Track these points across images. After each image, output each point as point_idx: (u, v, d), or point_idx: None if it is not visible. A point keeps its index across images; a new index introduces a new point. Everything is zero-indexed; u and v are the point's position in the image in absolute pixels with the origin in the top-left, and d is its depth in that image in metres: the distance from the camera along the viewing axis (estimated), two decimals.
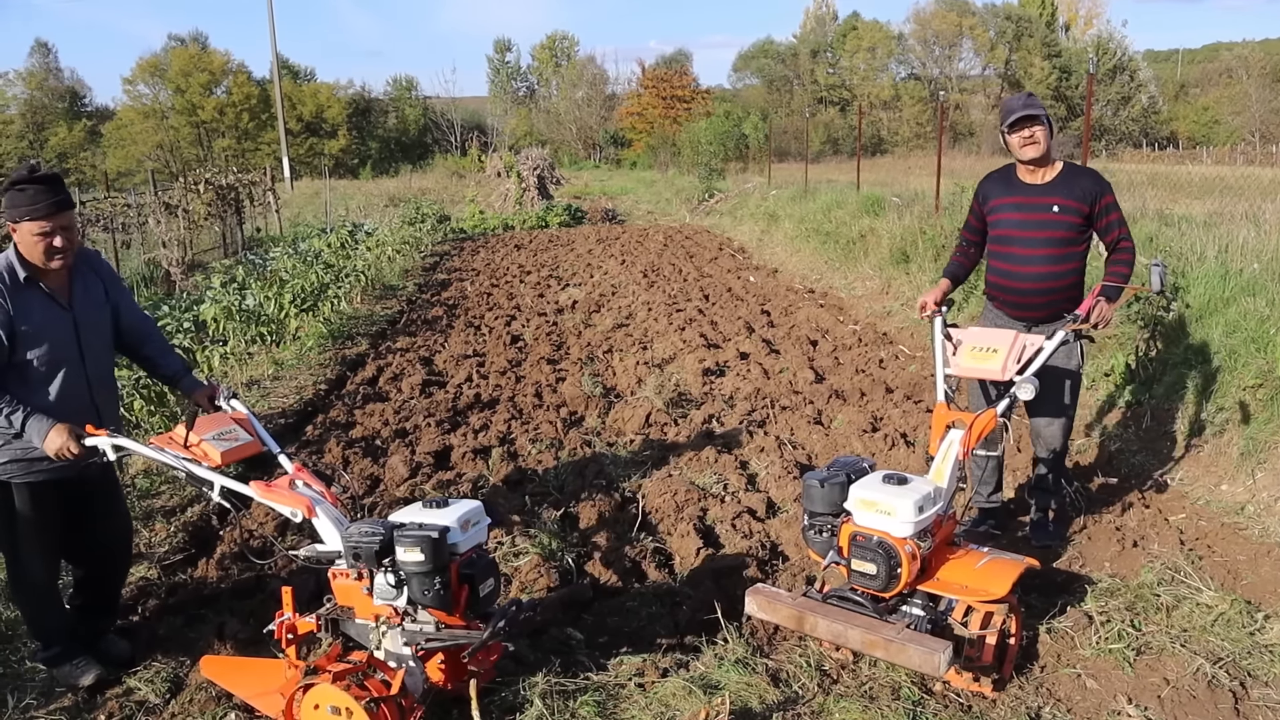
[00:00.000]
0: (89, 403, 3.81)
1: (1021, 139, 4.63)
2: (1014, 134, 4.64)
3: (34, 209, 3.53)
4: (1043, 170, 4.74)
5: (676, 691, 3.64)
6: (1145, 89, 60.11)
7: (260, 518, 5.44)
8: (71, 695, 3.91)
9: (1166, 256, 8.19)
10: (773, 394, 7.78)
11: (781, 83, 69.34)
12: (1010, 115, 4.60)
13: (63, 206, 3.60)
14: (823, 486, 3.76)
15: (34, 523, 3.80)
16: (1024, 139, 4.62)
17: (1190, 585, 4.32)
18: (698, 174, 32.48)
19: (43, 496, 3.80)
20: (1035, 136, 4.60)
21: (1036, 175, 4.75)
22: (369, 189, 37.00)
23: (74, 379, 3.76)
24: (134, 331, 4.11)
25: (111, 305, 4.00)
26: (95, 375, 3.86)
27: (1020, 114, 4.56)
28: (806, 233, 16.65)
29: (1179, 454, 6.09)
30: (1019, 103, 4.64)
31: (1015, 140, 4.65)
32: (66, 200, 3.63)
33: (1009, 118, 4.60)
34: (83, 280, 3.87)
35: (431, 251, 19.80)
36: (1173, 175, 15.14)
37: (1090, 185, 4.70)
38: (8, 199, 3.56)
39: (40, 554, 3.88)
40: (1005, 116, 4.64)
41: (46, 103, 62.88)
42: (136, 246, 17.48)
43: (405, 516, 3.40)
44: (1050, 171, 4.74)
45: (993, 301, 4.97)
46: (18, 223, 3.56)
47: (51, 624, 4.00)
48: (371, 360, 9.63)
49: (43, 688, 4.00)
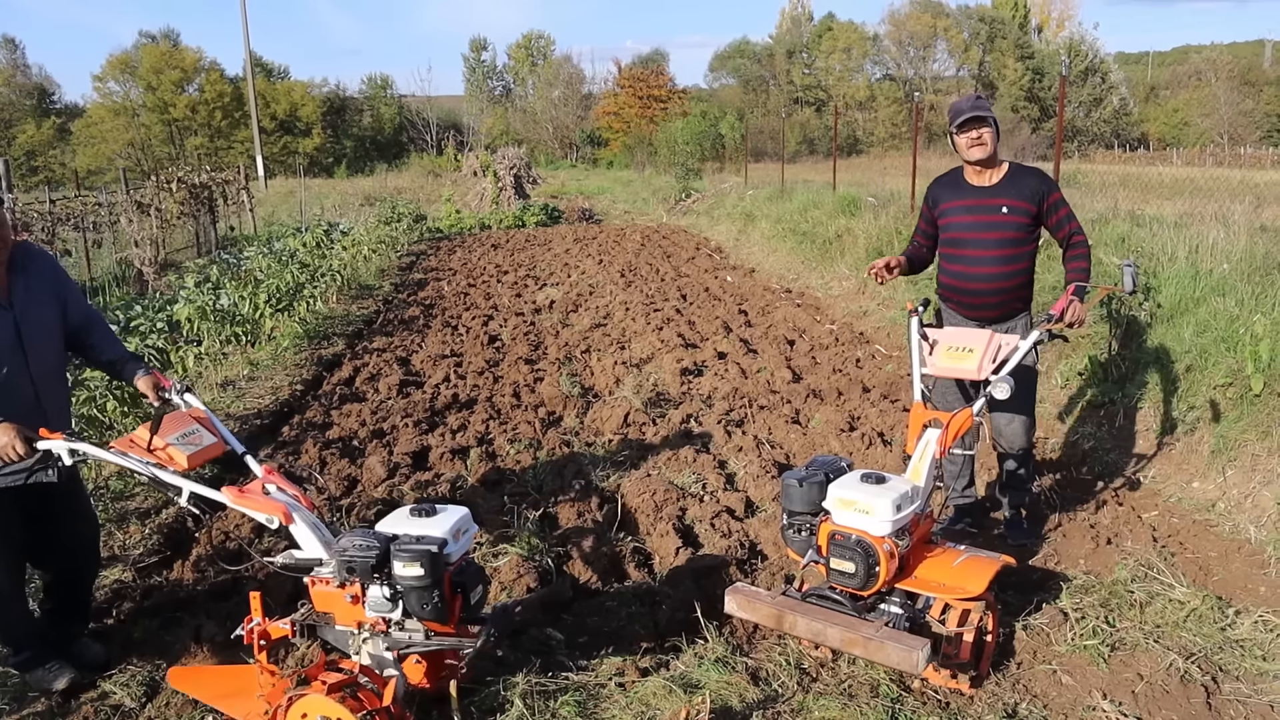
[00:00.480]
0: (34, 404, 3.71)
1: (969, 140, 4.68)
2: (962, 135, 4.70)
3: None
4: (990, 171, 4.80)
5: (657, 691, 3.65)
6: (1116, 91, 60.71)
7: (236, 520, 5.40)
8: (45, 699, 3.88)
9: (1138, 257, 8.28)
10: (750, 393, 7.80)
11: (758, 83, 69.52)
12: (958, 116, 4.65)
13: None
14: (801, 486, 3.78)
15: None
16: (971, 140, 4.68)
17: (1163, 582, 4.37)
18: (674, 174, 32.53)
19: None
20: (983, 138, 4.66)
21: (984, 177, 4.80)
22: (344, 188, 36.80)
23: (16, 379, 3.66)
24: (80, 324, 4.00)
25: (60, 302, 3.89)
26: (40, 374, 3.75)
27: (968, 115, 4.62)
28: (783, 232, 16.70)
29: (1151, 452, 6.16)
30: (967, 104, 4.69)
31: (963, 141, 4.70)
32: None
33: (957, 118, 4.66)
34: (24, 278, 3.75)
35: (408, 251, 19.72)
36: (1144, 176, 15.29)
37: (1037, 184, 4.76)
38: None
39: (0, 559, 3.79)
40: (953, 117, 4.69)
41: (14, 100, 62.07)
42: (108, 246, 17.30)
43: (396, 527, 3.33)
44: (997, 173, 4.80)
45: (946, 303, 5.02)
46: None
47: (19, 629, 3.93)
48: (348, 360, 9.59)
49: (15, 692, 3.96)
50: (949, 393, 4.94)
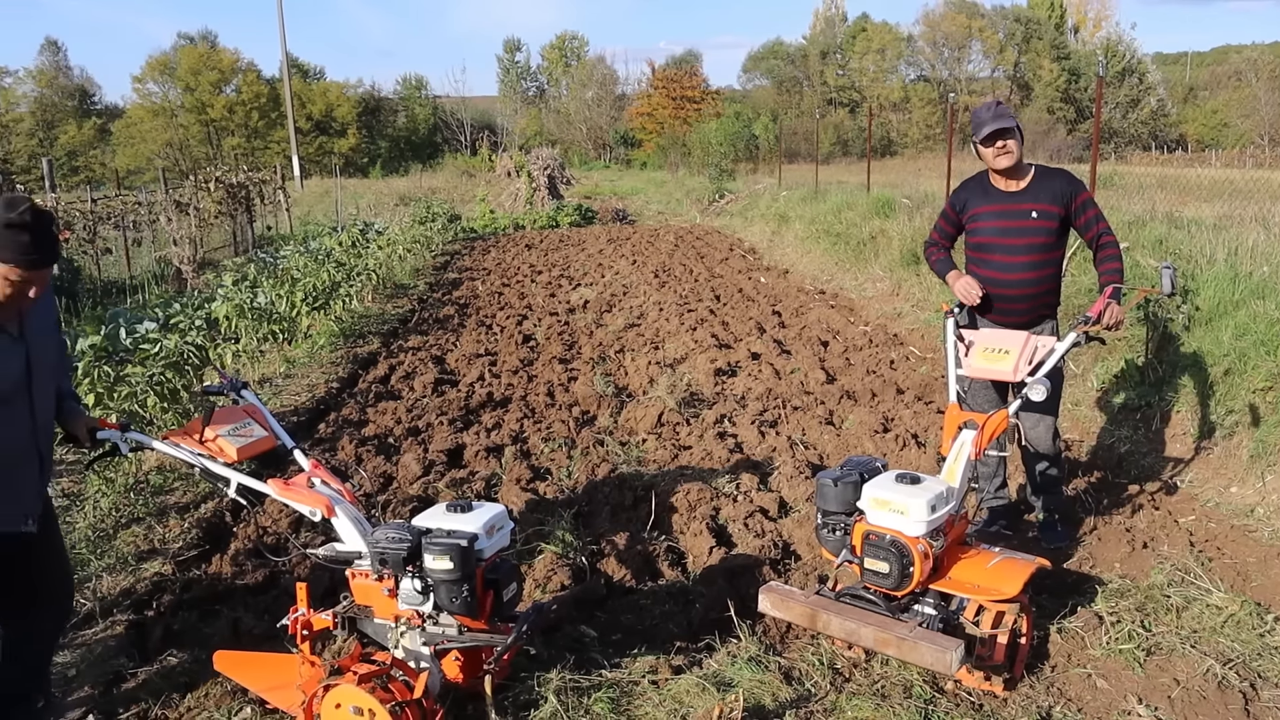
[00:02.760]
0: (31, 447, 3.34)
1: (995, 150, 4.66)
2: (987, 147, 4.68)
3: (21, 258, 3.03)
4: (1017, 177, 4.77)
5: (690, 689, 3.67)
6: (1154, 92, 59.91)
7: (275, 514, 5.48)
8: (90, 688, 3.95)
9: (1176, 259, 8.20)
10: (784, 394, 7.80)
11: (791, 84, 69.32)
12: (981, 129, 4.63)
13: (51, 261, 3.16)
14: (836, 485, 3.79)
15: None
16: (998, 150, 4.66)
17: (1200, 587, 4.34)
18: (708, 175, 32.52)
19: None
20: (1008, 147, 4.64)
21: (1012, 183, 4.78)
22: (379, 188, 37.10)
23: (19, 421, 3.28)
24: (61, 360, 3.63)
25: (59, 334, 3.58)
26: (41, 414, 3.38)
27: (992, 128, 4.59)
28: (817, 234, 16.66)
29: (1188, 456, 6.10)
30: (988, 114, 4.65)
31: (989, 153, 4.69)
32: (57, 255, 3.19)
33: (980, 131, 4.63)
34: (35, 306, 3.27)
35: (442, 250, 19.85)
36: (1182, 178, 15.10)
37: (1063, 186, 4.74)
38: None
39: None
40: (976, 129, 4.67)
41: (56, 101, 63.05)
42: (147, 244, 17.58)
43: (431, 521, 3.39)
44: (1024, 178, 4.77)
45: (975, 308, 4.98)
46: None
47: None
48: (383, 359, 9.68)
49: (59, 680, 4.03)
50: (984, 394, 4.92)
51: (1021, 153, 4.70)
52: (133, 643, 4.27)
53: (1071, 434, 6.70)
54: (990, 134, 4.60)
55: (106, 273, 15.66)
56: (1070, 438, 6.59)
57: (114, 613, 4.56)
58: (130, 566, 5.08)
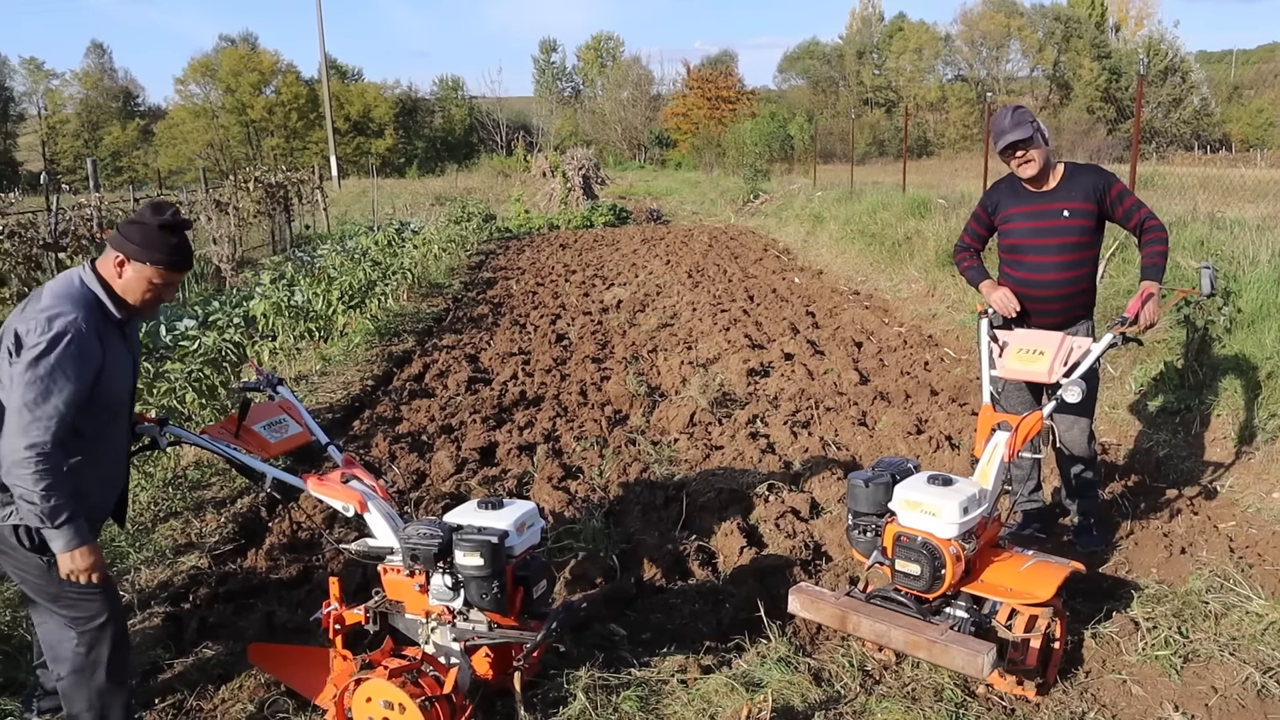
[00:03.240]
0: (124, 458, 3.44)
1: (1017, 161, 4.62)
2: (1006, 158, 4.64)
3: (170, 260, 3.15)
4: (1048, 177, 4.71)
5: (719, 689, 3.66)
6: (1197, 91, 59.05)
7: (309, 510, 5.53)
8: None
9: (1217, 260, 8.07)
10: (817, 395, 7.77)
11: (827, 84, 69.03)
12: (1000, 140, 4.58)
13: (190, 264, 3.29)
14: (868, 486, 3.77)
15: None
16: (1019, 160, 4.61)
17: (1240, 593, 4.27)
18: (743, 175, 32.47)
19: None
20: (1029, 156, 4.58)
21: (1042, 183, 4.72)
22: (415, 188, 37.35)
23: (121, 433, 3.37)
24: None
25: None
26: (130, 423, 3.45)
27: (1008, 140, 4.52)
28: (852, 234, 16.58)
29: (1229, 461, 6.00)
30: (1006, 122, 4.56)
31: (1012, 163, 4.65)
32: (189, 262, 3.29)
33: (999, 142, 4.58)
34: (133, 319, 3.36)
35: (477, 250, 19.95)
36: (1225, 178, 14.86)
37: (1094, 180, 4.67)
38: (140, 234, 3.12)
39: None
40: (996, 139, 4.62)
41: (101, 102, 64.15)
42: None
43: (462, 518, 3.41)
44: (1055, 176, 4.71)
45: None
46: (140, 262, 3.13)
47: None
48: (418, 357, 9.74)
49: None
50: (1018, 396, 4.87)
51: (1047, 156, 4.63)
52: (169, 634, 4.33)
53: (1109, 437, 6.62)
54: (1007, 146, 4.56)
55: None
56: (1108, 441, 6.51)
57: (151, 605, 4.63)
58: (168, 559, 5.15)
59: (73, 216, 12.88)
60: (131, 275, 3.14)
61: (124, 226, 3.15)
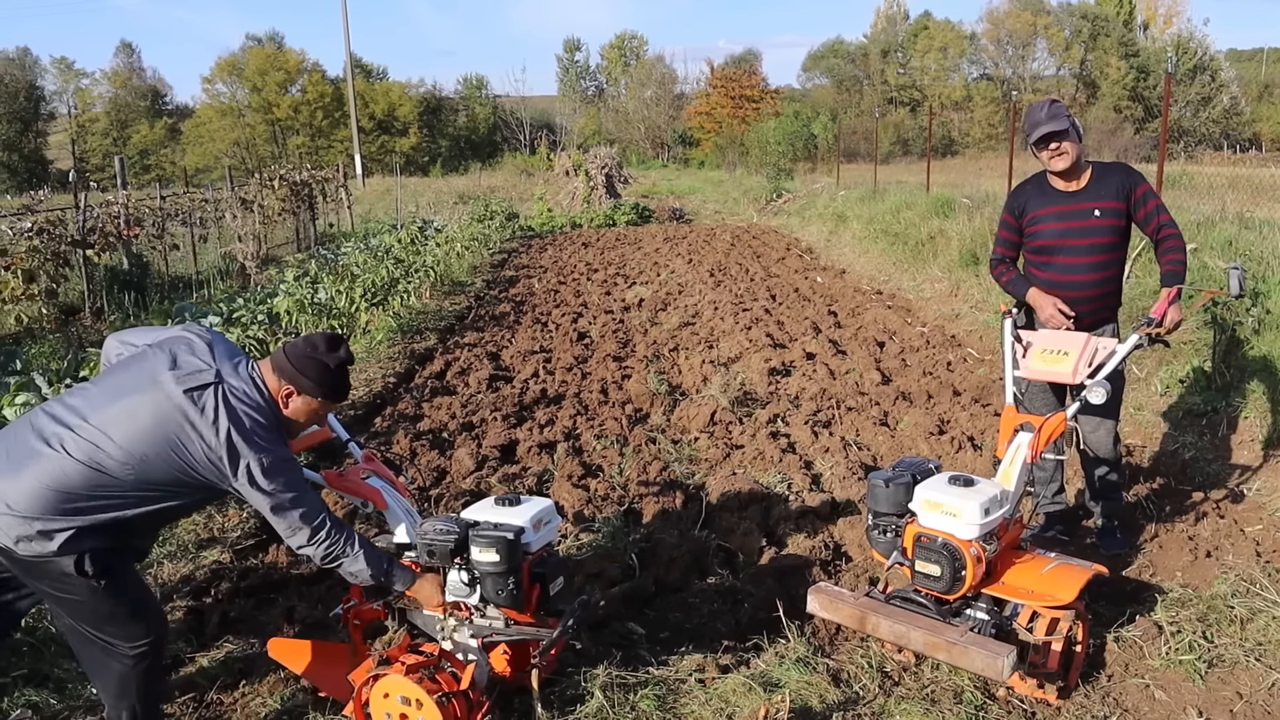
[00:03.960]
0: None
1: (1050, 153, 4.57)
2: (1040, 150, 4.59)
3: (340, 396, 3.28)
4: (1077, 176, 4.66)
5: (736, 688, 3.65)
6: (1227, 89, 58.33)
7: (329, 505, 5.55)
8: None
9: (1246, 261, 7.98)
10: (838, 395, 7.74)
11: (851, 83, 68.76)
12: (1034, 131, 4.52)
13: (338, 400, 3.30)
14: (888, 486, 3.74)
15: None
16: (1052, 152, 4.56)
17: (1266, 598, 4.21)
18: (766, 174, 32.39)
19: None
20: (1063, 149, 4.53)
21: (1070, 182, 4.67)
22: (439, 186, 37.49)
23: None
24: None
25: None
26: None
27: (1044, 130, 4.48)
28: (875, 234, 16.51)
29: (1256, 464, 5.93)
30: (1042, 115, 4.52)
31: (1044, 155, 4.59)
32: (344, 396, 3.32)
33: (1033, 133, 4.53)
34: None
35: (500, 248, 20.00)
36: (1255, 178, 14.69)
37: (1122, 179, 4.62)
38: (316, 372, 3.15)
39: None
40: (1030, 131, 4.56)
41: (130, 101, 64.76)
42: (213, 240, 17.91)
43: (479, 514, 3.41)
44: (1084, 176, 4.66)
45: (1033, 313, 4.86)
46: (311, 396, 3.18)
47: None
48: (440, 355, 9.77)
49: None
50: (1041, 396, 4.82)
51: (1080, 152, 4.58)
52: (191, 628, 4.36)
53: (1134, 439, 6.56)
54: (1042, 137, 4.51)
55: (174, 268, 16.00)
56: (1132, 443, 6.45)
57: (173, 599, 4.67)
58: (190, 554, 5.19)
59: (101, 214, 13.00)
60: (300, 406, 3.20)
61: (298, 360, 3.14)
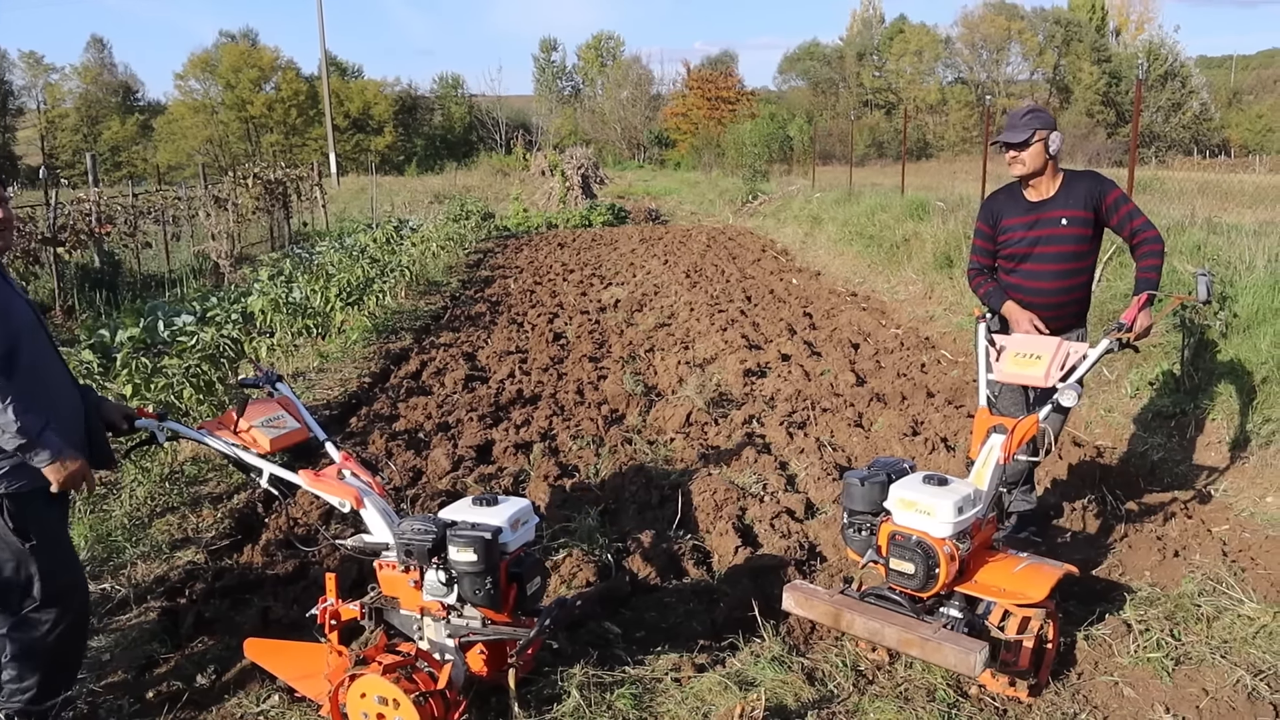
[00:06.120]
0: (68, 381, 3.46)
1: (1008, 160, 4.69)
2: (1001, 153, 4.72)
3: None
4: (1045, 184, 4.73)
5: (712, 687, 3.67)
6: (1197, 95, 59.08)
7: (305, 506, 5.54)
8: (123, 673, 4.02)
9: (1214, 265, 8.09)
10: (813, 396, 7.79)
11: (827, 85, 69.07)
12: (999, 136, 4.67)
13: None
14: (863, 485, 3.78)
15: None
16: (1009, 160, 4.69)
17: (1232, 597, 4.28)
18: (742, 175, 32.48)
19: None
20: (1019, 159, 4.63)
21: (1040, 190, 4.75)
22: (414, 185, 37.32)
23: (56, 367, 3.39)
24: None
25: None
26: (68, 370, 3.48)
27: (999, 139, 4.65)
28: (850, 236, 16.60)
29: (1223, 465, 6.02)
30: (1017, 119, 4.65)
31: (1005, 159, 4.72)
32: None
33: (997, 137, 4.68)
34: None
35: (475, 249, 19.96)
36: (1223, 183, 14.92)
37: (1090, 187, 4.69)
38: None
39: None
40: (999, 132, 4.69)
41: (100, 97, 64.07)
42: (186, 239, 17.81)
43: (457, 514, 3.41)
44: (1053, 184, 4.73)
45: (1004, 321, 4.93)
46: None
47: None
48: (415, 355, 9.75)
49: (93, 664, 4.11)
50: (1012, 399, 4.88)
51: (1046, 159, 4.64)
52: (165, 629, 4.34)
53: (1104, 440, 6.64)
54: (997, 144, 4.67)
55: (146, 266, 15.89)
56: (1102, 444, 6.53)
57: (147, 599, 4.64)
58: (164, 554, 5.16)
59: (71, 211, 12.89)
60: None
61: None
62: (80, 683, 3.91)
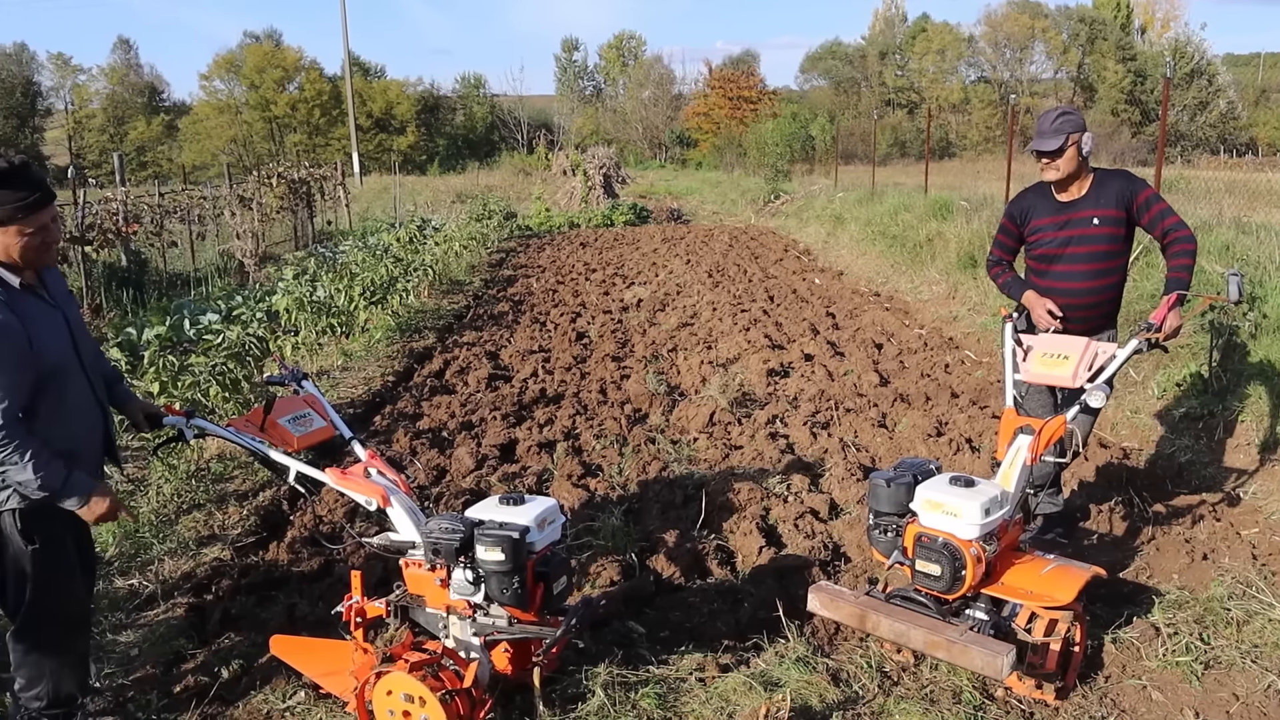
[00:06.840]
0: (93, 403, 3.42)
1: (1041, 166, 4.68)
2: (1037, 160, 4.70)
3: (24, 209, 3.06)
4: (1076, 184, 4.70)
5: (737, 687, 3.67)
6: (1224, 94, 58.42)
7: (330, 504, 5.57)
8: (151, 668, 4.05)
9: (1243, 265, 8.02)
10: (837, 396, 7.76)
11: (849, 84, 68.82)
12: (1031, 143, 4.65)
13: (45, 201, 3.12)
14: (889, 486, 3.76)
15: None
16: (1042, 166, 4.67)
17: (1262, 600, 4.24)
18: (764, 175, 32.43)
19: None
20: (1054, 165, 4.61)
21: (1071, 191, 4.71)
22: (436, 185, 37.44)
23: (79, 381, 3.34)
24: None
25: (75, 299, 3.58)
26: (95, 377, 3.46)
27: (1033, 147, 4.63)
28: (873, 235, 16.54)
29: (1253, 468, 5.96)
30: (1046, 125, 4.61)
31: (1039, 165, 4.70)
32: (48, 193, 3.12)
33: (1030, 144, 4.66)
34: (48, 274, 3.35)
35: (498, 248, 20.01)
36: (1251, 183, 14.74)
37: (1122, 187, 4.65)
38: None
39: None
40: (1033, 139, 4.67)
41: (127, 98, 64.63)
42: (211, 238, 17.94)
43: (484, 513, 3.41)
44: (1084, 184, 4.70)
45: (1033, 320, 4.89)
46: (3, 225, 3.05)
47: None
48: (438, 353, 9.79)
49: (121, 658, 4.15)
50: (1039, 399, 4.85)
51: (1078, 163, 4.61)
52: (192, 625, 4.38)
53: (1130, 441, 6.59)
54: (1033, 152, 4.64)
55: (172, 265, 16.01)
56: (1129, 445, 6.48)
57: (175, 595, 4.68)
58: (191, 551, 5.20)
59: (99, 210, 13.01)
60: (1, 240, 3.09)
61: None
62: (109, 677, 3.96)
